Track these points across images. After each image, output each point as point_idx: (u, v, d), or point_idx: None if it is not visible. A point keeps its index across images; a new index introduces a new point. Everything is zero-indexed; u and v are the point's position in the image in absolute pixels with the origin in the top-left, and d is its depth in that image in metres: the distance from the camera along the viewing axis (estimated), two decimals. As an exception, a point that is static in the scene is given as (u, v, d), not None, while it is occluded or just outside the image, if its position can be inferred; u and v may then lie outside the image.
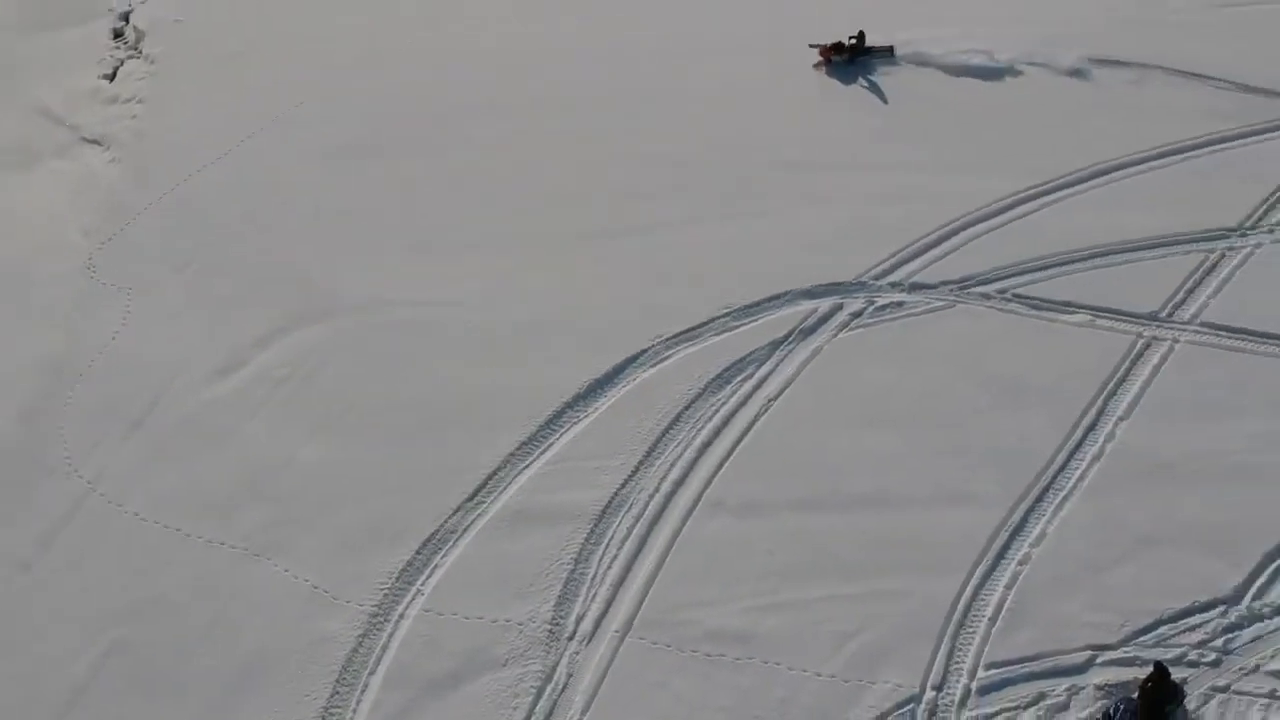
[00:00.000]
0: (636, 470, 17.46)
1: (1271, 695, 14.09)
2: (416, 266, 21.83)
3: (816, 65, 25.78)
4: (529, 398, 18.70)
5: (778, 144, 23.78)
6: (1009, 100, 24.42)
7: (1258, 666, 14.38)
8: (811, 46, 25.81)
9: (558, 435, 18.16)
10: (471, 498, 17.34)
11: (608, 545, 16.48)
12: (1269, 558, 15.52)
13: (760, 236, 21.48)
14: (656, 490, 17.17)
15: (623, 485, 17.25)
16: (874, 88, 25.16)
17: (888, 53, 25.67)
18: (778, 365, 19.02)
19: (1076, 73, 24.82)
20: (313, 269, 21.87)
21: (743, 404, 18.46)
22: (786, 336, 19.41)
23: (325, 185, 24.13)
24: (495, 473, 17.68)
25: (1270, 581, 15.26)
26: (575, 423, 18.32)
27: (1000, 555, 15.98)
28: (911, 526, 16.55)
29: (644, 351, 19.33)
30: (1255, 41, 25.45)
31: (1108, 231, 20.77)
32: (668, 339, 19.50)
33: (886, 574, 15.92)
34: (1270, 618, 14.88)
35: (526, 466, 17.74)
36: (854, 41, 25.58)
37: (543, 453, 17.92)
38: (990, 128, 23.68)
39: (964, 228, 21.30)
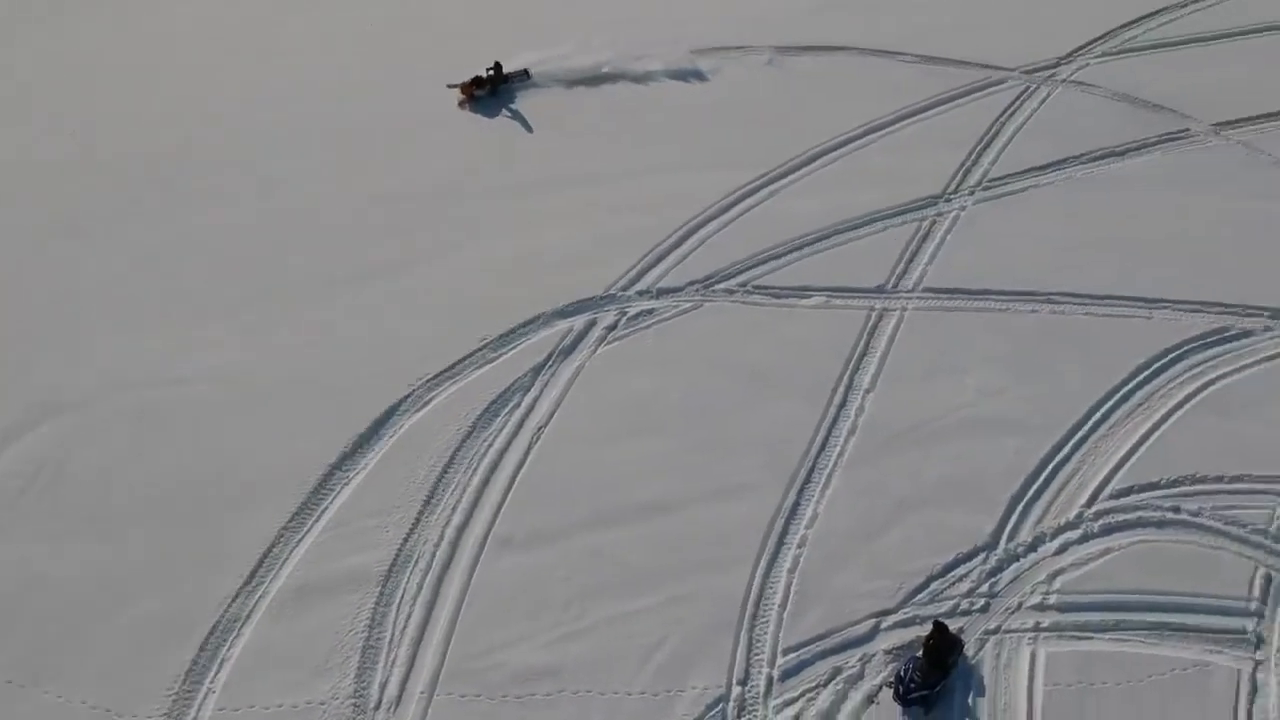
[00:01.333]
0: (417, 522, 17.21)
1: (1036, 628, 15.38)
2: (153, 344, 20.54)
3: (461, 104, 25.48)
4: (294, 464, 18.04)
5: (485, 172, 23.78)
6: (711, 99, 25.34)
7: (1020, 604, 15.66)
8: (450, 87, 25.51)
9: (330, 499, 17.63)
10: (249, 580, 16.61)
11: (400, 604, 16.17)
12: (1014, 500, 16.91)
13: (503, 263, 21.49)
14: (441, 539, 16.98)
15: (405, 540, 16.96)
16: (544, 110, 25.32)
17: (524, 76, 25.84)
18: (543, 390, 19.14)
19: (771, 63, 26.02)
20: (34, 364, 20.27)
21: (514, 435, 18.48)
22: (547, 360, 19.55)
23: (31, 270, 22.39)
24: (270, 549, 16.98)
25: (1019, 523, 16.64)
26: (346, 483, 17.83)
27: (780, 542, 16.71)
28: (695, 527, 17.06)
29: (406, 397, 19.01)
30: (931, 14, 27.41)
31: (830, 213, 21.96)
32: (428, 380, 19.25)
33: (680, 578, 16.35)
34: (1024, 556, 16.22)
35: (302, 537, 17.14)
36: (492, 73, 25.49)
37: (317, 520, 17.36)
38: (700, 128, 24.49)
39: (698, 227, 22.01)
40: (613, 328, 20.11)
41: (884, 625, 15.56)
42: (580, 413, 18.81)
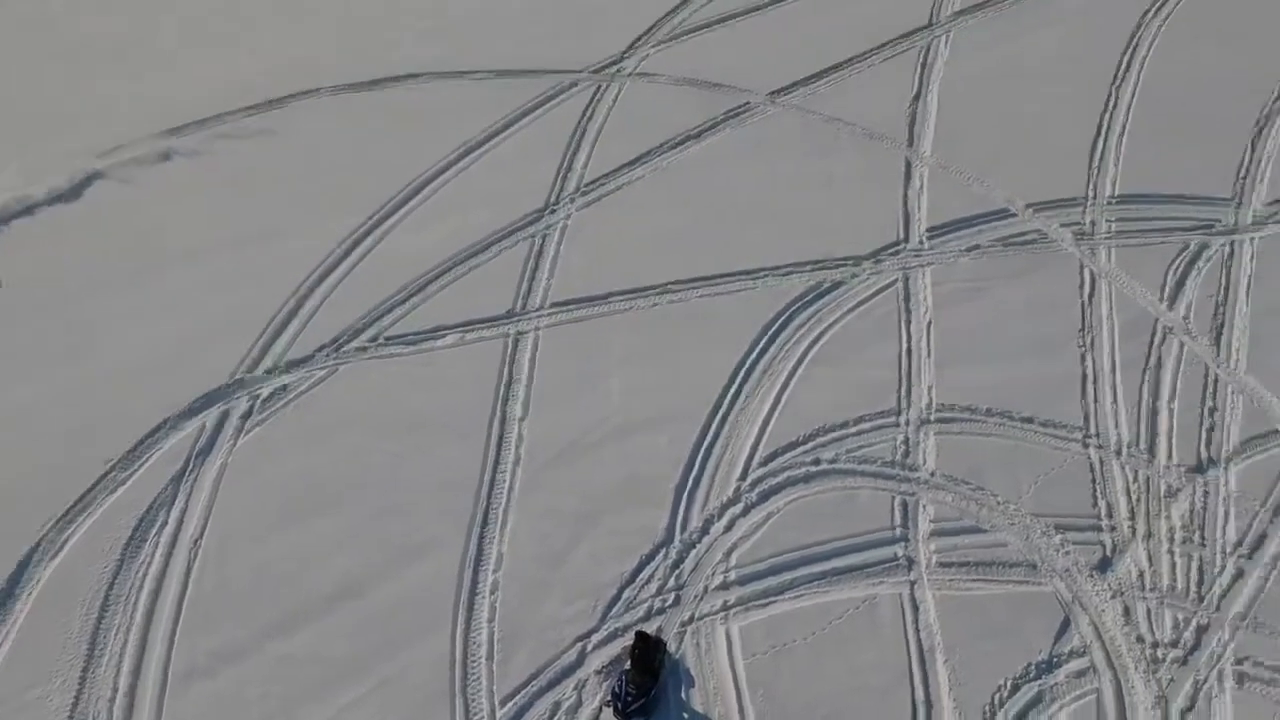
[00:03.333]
0: (84, 679, 15.78)
1: (725, 607, 16.42)
2: None
3: None
4: (-80, 656, 16.07)
5: (46, 281, 21.53)
6: (287, 154, 24.31)
7: (706, 589, 16.64)
8: None
9: (-25, 683, 15.86)
10: (-101, 804, 14.72)
11: (88, 777, 14.89)
12: (678, 491, 17.85)
13: (108, 374, 19.77)
14: (115, 691, 15.67)
15: (75, 704, 15.50)
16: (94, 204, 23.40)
17: None
18: (189, 500, 18.00)
19: (343, 103, 25.46)
20: None
21: (170, 555, 17.29)
22: (185, 466, 18.39)
23: None
24: (-84, 761, 15.11)
25: (687, 511, 17.60)
26: (-10, 659, 16.09)
27: (473, 592, 16.77)
28: (387, 600, 16.76)
29: (37, 546, 17.26)
30: (492, 30, 27.85)
31: (443, 246, 21.97)
32: (58, 521, 17.58)
33: (383, 659, 16.04)
34: (700, 542, 17.21)
35: (-49, 737, 15.36)
36: None
37: (-35, 712, 15.59)
38: (285, 185, 23.50)
39: (314, 287, 21.35)
40: (248, 415, 19.21)
41: (590, 647, 16.04)
42: (237, 513, 17.90)
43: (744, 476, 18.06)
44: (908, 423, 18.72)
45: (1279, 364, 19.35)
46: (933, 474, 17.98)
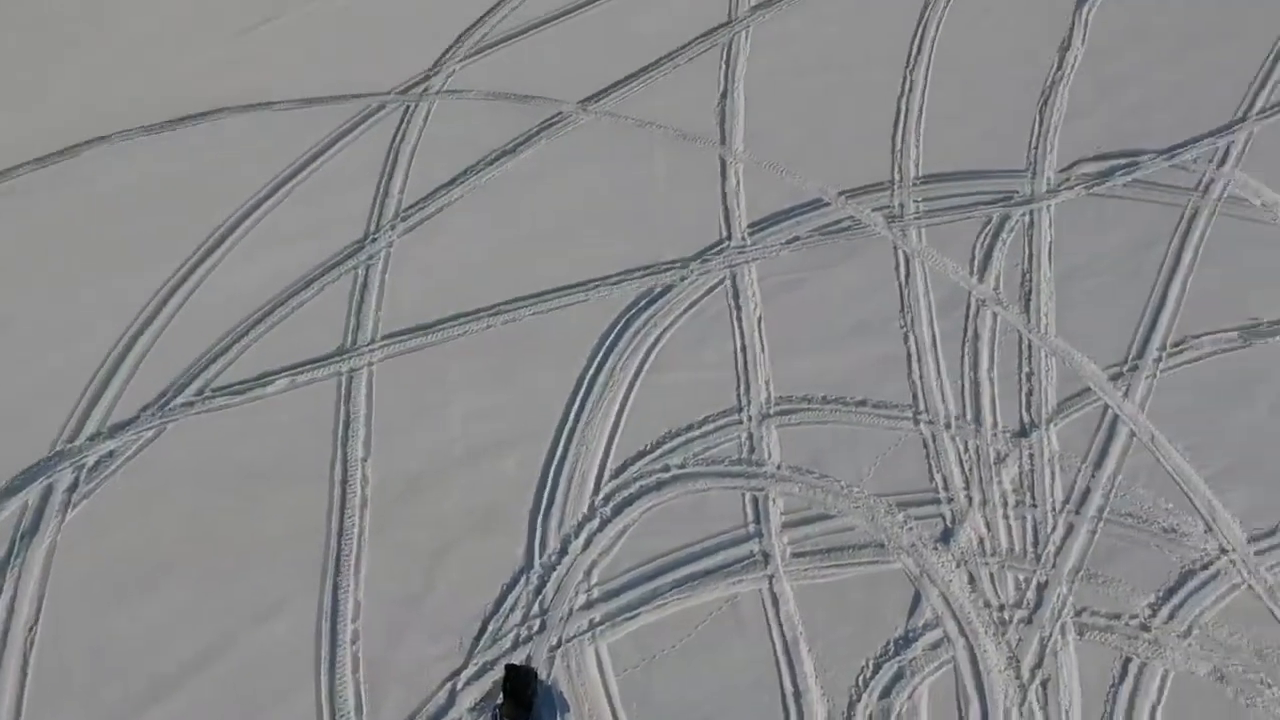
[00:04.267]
0: (-78, 796, 14.85)
1: (591, 626, 16.50)
2: None
3: None
4: None
5: None
6: (88, 203, 23.14)
7: (571, 610, 16.68)
8: None
9: None
10: None
11: None
12: (532, 514, 17.83)
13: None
14: (-41, 803, 14.81)
15: (-85, 823, 14.60)
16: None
17: None
18: (18, 586, 17.05)
19: (138, 147, 24.23)
20: None
21: (3, 649, 16.36)
22: (11, 550, 17.39)
23: None
24: None
25: (544, 534, 17.59)
26: None
27: (333, 644, 16.40)
28: (243, 664, 16.26)
29: None
30: (289, 56, 27.02)
31: (264, 287, 21.26)
32: None
33: (244, 727, 15.60)
34: (559, 563, 17.22)
35: None
36: None
37: None
38: (87, 237, 22.36)
39: (131, 343, 20.41)
40: (74, 487, 18.28)
41: (459, 685, 15.90)
42: (72, 593, 17.04)
43: (596, 491, 18.15)
44: (750, 419, 19.13)
45: (1085, 325, 20.50)
46: (778, 467, 18.44)
